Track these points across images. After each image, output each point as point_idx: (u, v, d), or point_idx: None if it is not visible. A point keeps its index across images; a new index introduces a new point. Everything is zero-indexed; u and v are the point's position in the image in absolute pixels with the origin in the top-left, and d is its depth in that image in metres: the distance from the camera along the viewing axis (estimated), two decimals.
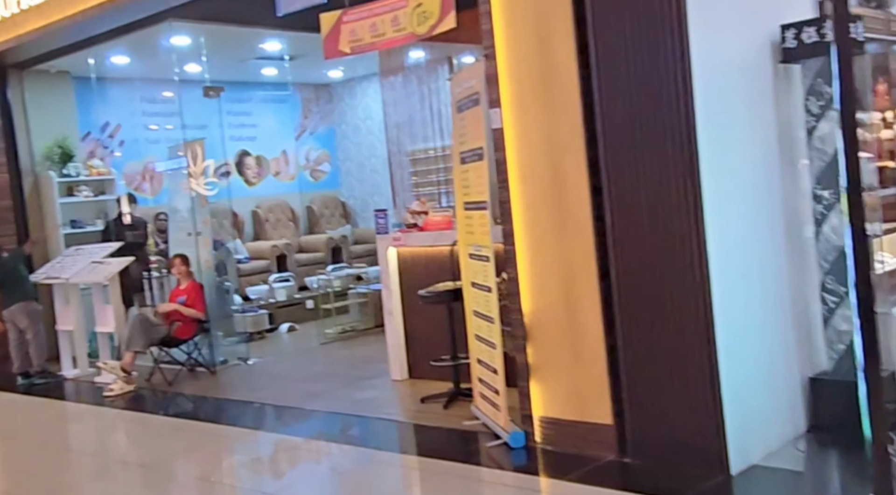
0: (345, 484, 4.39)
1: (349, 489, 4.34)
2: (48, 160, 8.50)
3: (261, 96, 10.86)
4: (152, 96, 9.84)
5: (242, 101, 10.78)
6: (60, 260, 7.72)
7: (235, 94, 10.60)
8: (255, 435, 5.45)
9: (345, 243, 10.80)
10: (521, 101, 4.14)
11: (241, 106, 10.78)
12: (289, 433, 5.43)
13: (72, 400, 6.97)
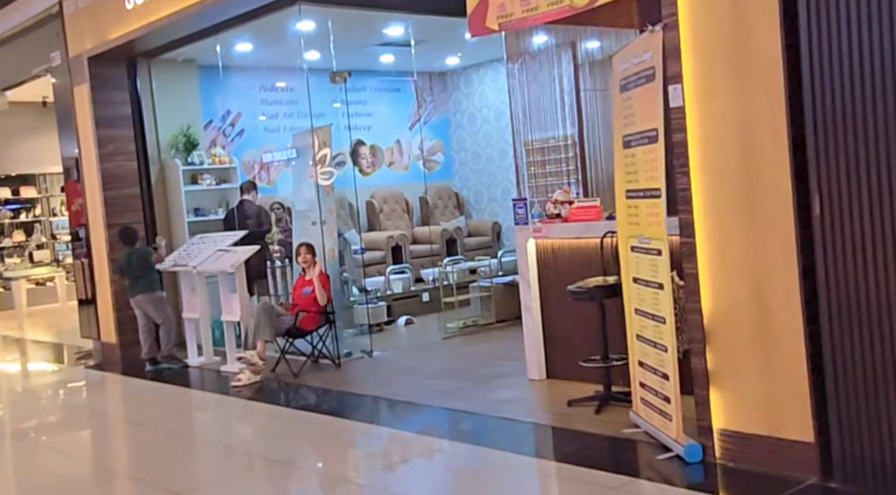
0: (490, 493, 4.07)
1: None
2: (173, 148, 8.54)
3: (376, 85, 10.68)
4: (272, 84, 9.81)
5: (358, 89, 10.62)
6: (186, 248, 7.71)
7: (351, 83, 10.45)
8: (385, 432, 5.21)
9: (459, 235, 10.52)
10: (707, 76, 3.69)
11: (357, 95, 10.63)
12: (421, 432, 5.16)
13: (199, 388, 6.93)
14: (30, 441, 5.96)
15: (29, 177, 14.99)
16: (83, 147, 8.30)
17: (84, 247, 8.52)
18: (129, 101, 8.23)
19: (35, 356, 9.71)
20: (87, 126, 8.13)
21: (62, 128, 8.69)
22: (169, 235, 8.51)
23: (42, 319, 12.09)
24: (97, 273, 8.38)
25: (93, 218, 8.34)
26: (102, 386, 7.70)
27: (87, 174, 8.31)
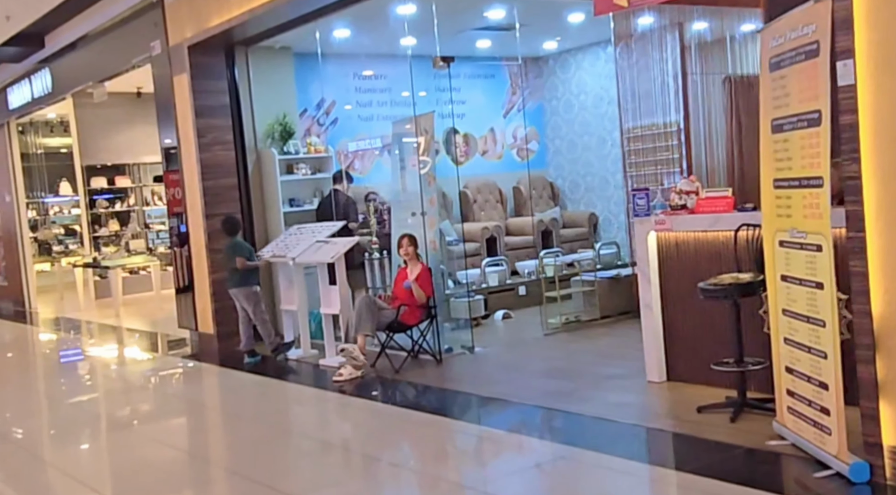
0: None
1: None
2: (269, 137, 8.46)
3: (470, 71, 10.40)
4: (366, 72, 9.65)
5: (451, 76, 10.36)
6: (284, 238, 7.61)
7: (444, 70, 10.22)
8: (492, 434, 4.95)
9: (555, 226, 10.17)
10: (884, 50, 3.27)
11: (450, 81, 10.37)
12: (532, 435, 4.89)
13: (297, 382, 6.82)
14: (131, 430, 5.96)
15: (123, 167, 15.34)
16: (182, 136, 8.30)
17: (181, 236, 8.54)
18: (227, 90, 8.18)
19: (132, 345, 9.85)
20: (186, 115, 8.11)
21: (161, 118, 8.72)
22: (264, 226, 8.46)
23: (137, 308, 12.31)
24: (195, 262, 8.39)
25: (191, 207, 8.34)
26: (200, 376, 7.70)
27: (185, 164, 8.31)
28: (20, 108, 12.47)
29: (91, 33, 10.14)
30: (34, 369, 9.25)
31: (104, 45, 9.83)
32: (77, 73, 10.72)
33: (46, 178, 15.08)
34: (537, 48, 10.43)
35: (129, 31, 9.11)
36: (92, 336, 10.81)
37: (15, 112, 12.73)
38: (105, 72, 10.10)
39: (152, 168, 15.35)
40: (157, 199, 15.45)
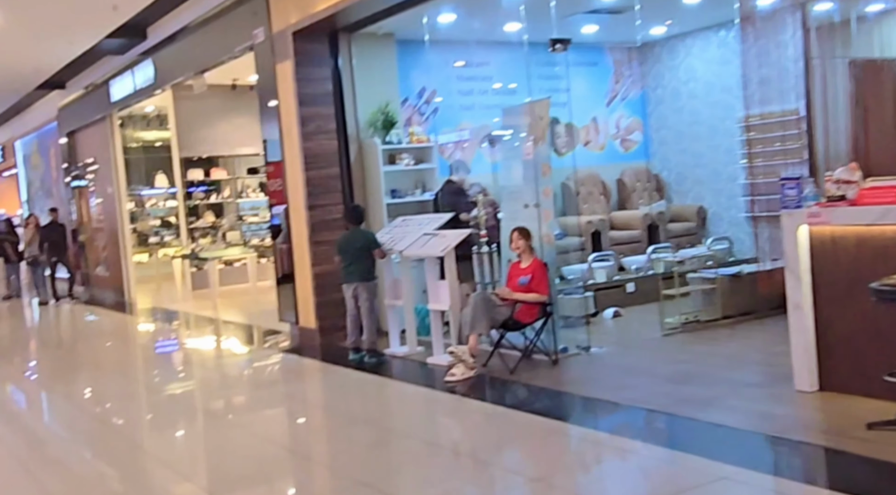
0: None
1: None
2: (371, 127, 8.24)
3: (572, 58, 9.95)
4: (468, 59, 9.34)
5: (552, 63, 9.96)
6: (389, 231, 7.38)
7: (545, 56, 9.82)
8: (621, 444, 4.55)
9: (662, 220, 9.66)
10: None
11: (552, 69, 9.97)
12: (667, 447, 4.46)
13: (404, 380, 6.57)
14: (229, 424, 5.84)
15: (218, 158, 15.49)
16: (285, 126, 8.16)
17: (284, 228, 8.42)
18: (330, 78, 7.99)
19: (231, 337, 9.84)
20: (289, 104, 7.97)
21: (263, 108, 8.61)
22: (367, 218, 8.25)
23: (233, 299, 12.36)
24: (296, 255, 8.25)
25: (293, 198, 8.20)
26: (301, 371, 7.56)
27: (288, 154, 8.17)
28: (122, 100, 12.68)
29: (191, 24, 10.15)
30: (133, 359, 9.33)
31: (205, 35, 9.81)
32: (178, 64, 10.78)
33: (143, 171, 15.33)
34: (644, 33, 9.91)
35: (230, 19, 9.04)
36: (190, 327, 10.88)
37: (117, 104, 12.96)
38: (206, 62, 10.09)
39: (247, 160, 15.47)
40: (251, 191, 15.56)
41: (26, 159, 19.22)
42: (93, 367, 8.63)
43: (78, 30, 10.37)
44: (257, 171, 15.67)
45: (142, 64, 11.67)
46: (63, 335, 11.66)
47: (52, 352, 10.10)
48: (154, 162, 15.02)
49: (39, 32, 10.40)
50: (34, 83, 13.97)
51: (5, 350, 10.46)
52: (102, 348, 10.15)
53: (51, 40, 10.81)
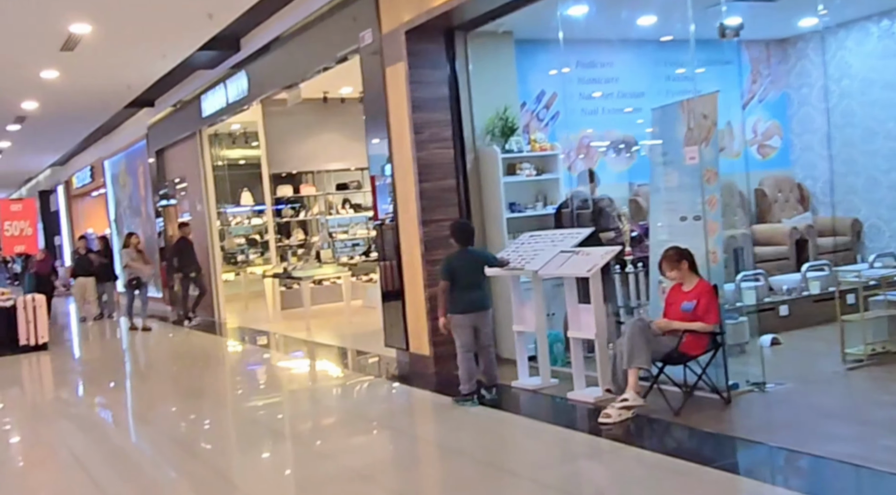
0: None
1: None
2: (489, 134, 7.46)
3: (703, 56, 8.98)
4: (591, 59, 8.49)
5: (680, 63, 9.03)
6: (516, 248, 6.55)
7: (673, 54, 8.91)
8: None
9: (811, 235, 8.56)
10: None
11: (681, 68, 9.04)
12: None
13: (541, 419, 5.69)
14: (328, 461, 5.12)
15: (306, 174, 15.01)
16: (395, 134, 7.45)
17: (392, 245, 7.69)
18: (446, 81, 7.25)
19: (329, 361, 9.15)
20: (401, 110, 7.26)
21: (370, 115, 7.94)
22: (483, 234, 7.45)
23: (327, 320, 11.73)
24: (407, 274, 7.50)
25: (403, 213, 7.47)
26: (412, 404, 6.78)
27: (398, 164, 7.45)
28: (214, 115, 12.28)
29: (284, 34, 9.63)
30: (228, 385, 8.73)
31: (302, 43, 9.26)
32: (273, 75, 10.26)
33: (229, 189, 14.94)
34: (789, 27, 8.88)
35: (331, 24, 8.43)
36: (286, 350, 10.26)
37: (208, 119, 12.58)
38: (303, 71, 9.53)
39: (336, 175, 14.96)
40: (341, 207, 15.02)
41: (114, 178, 19.22)
42: (187, 394, 8.05)
43: (172, 41, 9.96)
44: (347, 187, 15.16)
45: (234, 77, 11.23)
46: (153, 358, 11.21)
47: (143, 378, 9.62)
48: (239, 179, 14.60)
49: (133, 46, 10.04)
50: (125, 100, 13.76)
51: (92, 373, 10.04)
52: (196, 373, 9.62)
53: (144, 54, 10.45)
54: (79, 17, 8.56)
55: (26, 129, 15.36)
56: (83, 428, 6.96)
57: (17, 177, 26.15)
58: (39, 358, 11.07)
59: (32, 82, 11.43)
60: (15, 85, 11.71)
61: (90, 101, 13.28)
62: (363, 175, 15.41)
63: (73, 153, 21.68)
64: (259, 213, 15.28)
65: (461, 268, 6.03)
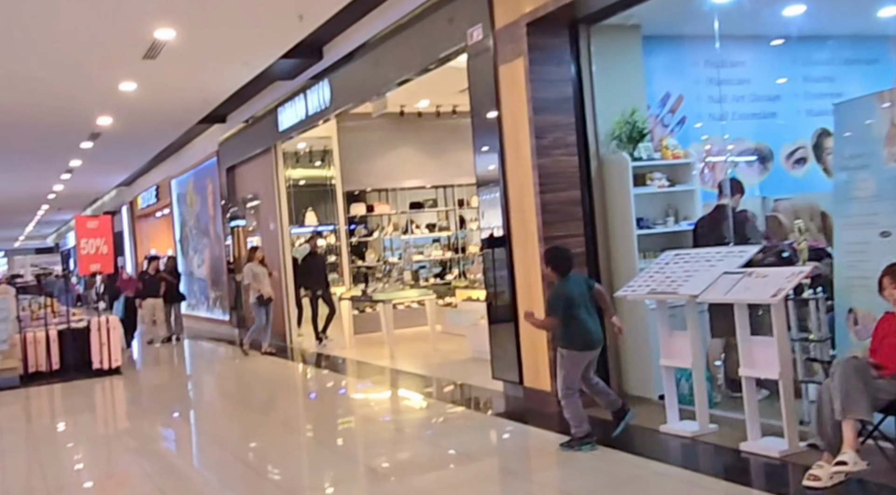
0: None
1: None
2: (615, 140, 6.61)
3: (846, 55, 8.03)
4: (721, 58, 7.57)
5: (815, 62, 8.09)
6: (660, 269, 5.65)
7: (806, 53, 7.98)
8: None
9: None
10: None
11: (815, 69, 8.09)
12: None
13: (708, 474, 4.74)
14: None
15: (381, 192, 14.33)
16: (509, 140, 6.65)
17: (504, 265, 6.85)
18: (570, 79, 6.44)
19: (424, 394, 8.30)
20: (518, 113, 6.46)
21: (478, 119, 7.16)
22: (606, 254, 6.58)
23: (408, 346, 10.93)
24: (523, 299, 6.64)
25: (519, 228, 6.63)
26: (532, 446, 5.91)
27: (514, 174, 6.64)
28: (291, 128, 11.68)
29: (372, 40, 8.98)
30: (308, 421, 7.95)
31: (393, 47, 8.58)
32: (359, 83, 9.59)
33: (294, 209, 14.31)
34: None
35: (431, 23, 7.72)
36: (370, 379, 9.47)
37: (285, 133, 11.99)
38: (395, 77, 8.82)
39: (410, 194, 14.26)
40: (416, 227, 14.28)
41: (181, 198, 18.86)
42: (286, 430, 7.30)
43: (256, 47, 9.40)
44: (422, 206, 14.44)
45: (315, 86, 10.61)
46: (233, 383, 10.54)
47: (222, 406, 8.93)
48: (303, 199, 13.88)
49: (216, 53, 9.51)
50: (199, 115, 13.31)
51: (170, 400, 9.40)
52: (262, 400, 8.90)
53: (226, 61, 9.91)
54: (164, 21, 8.03)
55: (98, 147, 15.04)
56: (169, 468, 6.25)
57: (84, 199, 26.17)
58: (113, 382, 10.50)
59: (110, 96, 11.01)
60: (93, 98, 11.32)
61: (164, 117, 12.86)
62: (437, 193, 14.71)
63: (139, 173, 21.50)
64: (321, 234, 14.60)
65: (580, 297, 5.21)
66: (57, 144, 14.79)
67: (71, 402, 9.60)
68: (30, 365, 10.50)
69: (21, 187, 20.67)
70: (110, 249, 11.55)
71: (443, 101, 13.01)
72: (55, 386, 10.27)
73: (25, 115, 12.03)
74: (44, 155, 15.84)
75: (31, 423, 8.59)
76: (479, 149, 7.14)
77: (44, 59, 9.24)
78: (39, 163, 16.86)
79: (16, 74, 9.83)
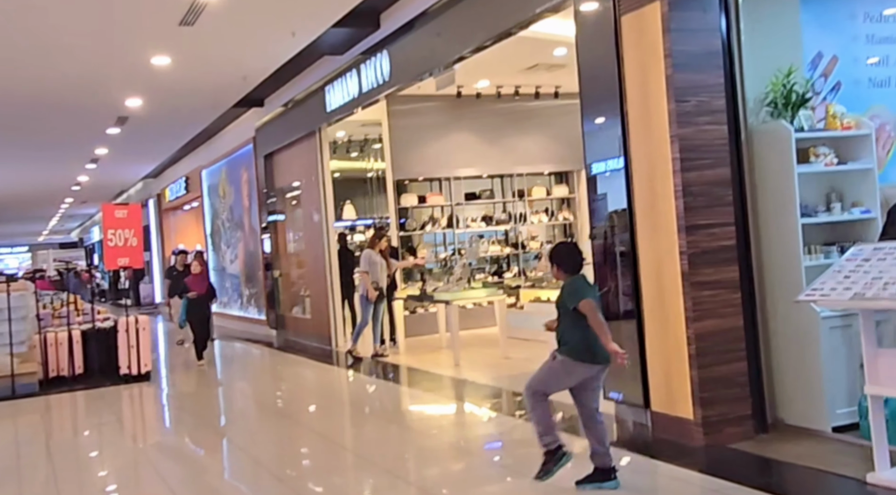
0: None
1: None
2: (771, 105, 5.33)
3: None
4: (881, 13, 6.26)
5: None
6: (855, 269, 4.35)
7: None
8: None
9: None
10: None
11: None
12: None
13: None
14: None
15: (433, 182, 13.10)
16: (635, 106, 5.38)
17: (627, 259, 5.57)
18: (718, 29, 5.16)
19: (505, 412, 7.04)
20: (650, 71, 5.18)
21: (588, 86, 5.88)
22: (758, 247, 5.30)
23: (471, 352, 9.69)
24: (650, 301, 5.37)
25: (646, 216, 5.36)
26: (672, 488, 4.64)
27: (641, 149, 5.36)
28: (341, 108, 10.47)
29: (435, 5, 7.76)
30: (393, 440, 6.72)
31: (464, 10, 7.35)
32: (426, 53, 8.36)
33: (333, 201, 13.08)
34: None
35: None
36: (437, 391, 8.23)
37: (333, 114, 10.79)
38: (465, 45, 7.58)
39: (465, 184, 13.00)
40: (471, 220, 13.03)
41: (212, 189, 17.75)
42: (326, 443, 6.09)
43: (308, 10, 8.20)
44: (477, 196, 13.20)
45: (372, 60, 9.39)
46: (267, 394, 9.35)
47: (256, 417, 7.74)
48: (340, 191, 12.57)
49: (261, 20, 8.34)
50: (237, 96, 12.14)
51: (209, 414, 8.25)
52: (303, 410, 7.70)
53: (271, 30, 8.73)
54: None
55: (126, 133, 13.95)
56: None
57: (109, 191, 25.22)
58: (142, 390, 9.35)
59: (141, 72, 9.89)
60: (122, 76, 10.20)
61: (199, 98, 11.72)
62: (493, 183, 13.46)
63: (168, 163, 20.46)
64: (366, 228, 13.42)
65: (595, 299, 4.34)
66: (82, 130, 13.74)
67: (96, 412, 8.48)
68: (50, 369, 9.39)
69: (45, 178, 19.71)
70: (140, 241, 10.39)
71: (505, 80, 11.77)
72: (78, 394, 9.15)
73: (50, 97, 10.97)
74: (69, 143, 14.80)
75: (51, 437, 7.48)
76: (592, 120, 5.86)
77: (69, 30, 8.17)
78: (64, 151, 15.84)
79: (38, 49, 8.74)
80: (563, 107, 12.37)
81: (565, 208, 13.70)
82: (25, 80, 10.13)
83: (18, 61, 9.25)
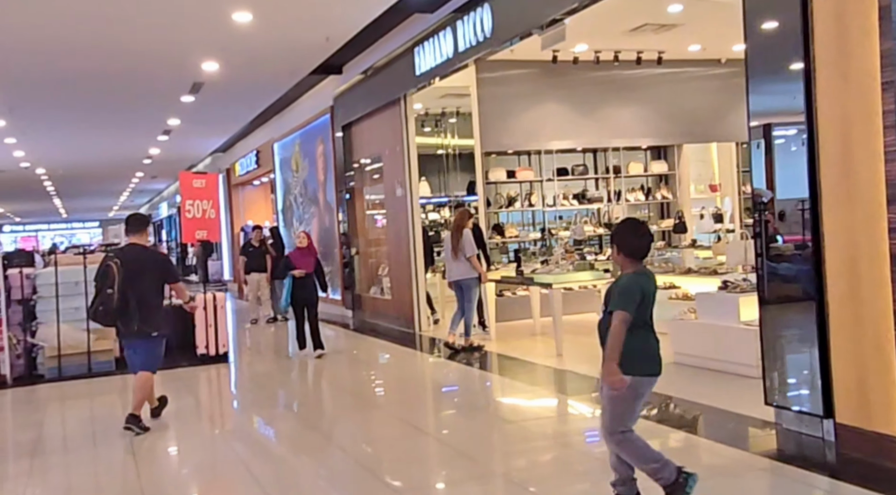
0: None
1: None
2: None
3: None
4: None
5: None
6: None
7: None
8: None
9: None
10: None
11: None
12: None
13: None
14: None
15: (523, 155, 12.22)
16: (826, 51, 4.41)
17: (813, 237, 4.62)
18: None
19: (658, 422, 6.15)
20: (850, 7, 4.19)
21: (755, 34, 4.91)
22: None
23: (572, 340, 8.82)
24: (838, 286, 4.42)
25: (836, 185, 4.41)
26: None
27: (832, 104, 4.39)
28: (433, 70, 9.65)
29: None
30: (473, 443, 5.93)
31: None
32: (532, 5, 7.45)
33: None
34: None
35: None
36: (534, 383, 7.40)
37: (423, 77, 9.98)
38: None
39: (556, 158, 12.07)
40: (563, 198, 12.11)
41: (285, 163, 17.18)
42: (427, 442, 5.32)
43: None
44: (569, 172, 12.25)
45: (470, 15, 8.53)
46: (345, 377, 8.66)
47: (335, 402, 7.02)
48: None
49: None
50: (317, 61, 11.43)
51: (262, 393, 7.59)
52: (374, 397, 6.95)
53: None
54: None
55: (200, 102, 13.43)
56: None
57: (179, 165, 24.98)
58: (220, 371, 8.78)
59: (220, 30, 9.24)
60: (200, 35, 9.58)
61: (279, 61, 11.05)
62: (586, 158, 12.51)
63: (238, 137, 20.03)
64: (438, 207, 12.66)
65: (650, 297, 3.68)
66: (157, 98, 13.26)
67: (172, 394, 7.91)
68: None
69: (119, 150, 19.50)
70: (217, 213, 9.78)
71: (605, 44, 10.75)
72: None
73: (127, 61, 10.45)
74: (142, 111, 14.38)
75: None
76: (758, 73, 4.89)
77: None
78: (138, 121, 15.46)
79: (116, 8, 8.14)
80: (666, 75, 11.34)
81: (663, 185, 12.67)
82: (102, 47, 9.62)
83: (96, 25, 8.71)
